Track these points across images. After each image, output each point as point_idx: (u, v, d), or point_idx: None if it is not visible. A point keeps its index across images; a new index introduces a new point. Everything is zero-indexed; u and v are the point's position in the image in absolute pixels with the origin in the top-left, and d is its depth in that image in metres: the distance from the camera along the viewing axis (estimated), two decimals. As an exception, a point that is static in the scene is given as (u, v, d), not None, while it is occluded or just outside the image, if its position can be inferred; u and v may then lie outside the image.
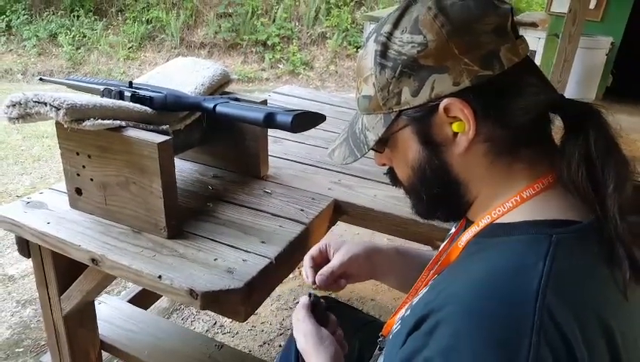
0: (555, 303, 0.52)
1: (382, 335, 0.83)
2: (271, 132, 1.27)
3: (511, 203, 0.63)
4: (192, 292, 0.88)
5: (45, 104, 0.93)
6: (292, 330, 1.40)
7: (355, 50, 6.64)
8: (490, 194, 0.66)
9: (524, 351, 0.49)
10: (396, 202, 1.22)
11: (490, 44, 0.60)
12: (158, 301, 1.94)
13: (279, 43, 6.68)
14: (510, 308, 0.52)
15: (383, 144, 0.71)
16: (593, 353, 0.52)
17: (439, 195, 0.70)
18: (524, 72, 0.63)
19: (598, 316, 0.54)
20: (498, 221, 0.64)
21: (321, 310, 0.87)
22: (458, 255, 0.67)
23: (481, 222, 0.65)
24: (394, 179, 0.77)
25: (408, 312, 0.64)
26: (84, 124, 0.95)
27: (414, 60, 0.62)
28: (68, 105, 0.94)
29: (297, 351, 1.32)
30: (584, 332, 0.52)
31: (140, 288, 1.69)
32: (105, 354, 1.44)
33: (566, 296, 0.53)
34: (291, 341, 1.38)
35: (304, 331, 0.85)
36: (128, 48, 6.49)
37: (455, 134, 0.63)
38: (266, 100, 1.21)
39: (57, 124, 1.00)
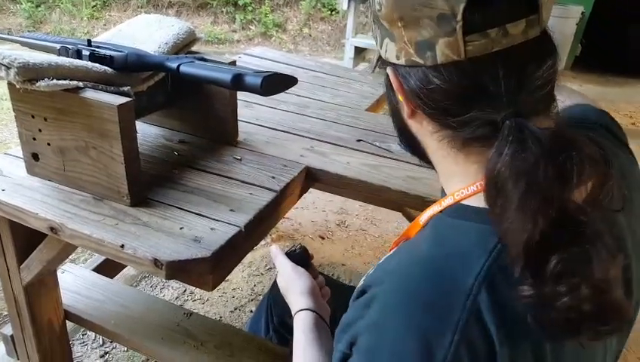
0: (486, 301, 0.49)
1: None
2: (241, 95, 1.22)
3: (475, 187, 0.58)
4: (156, 262, 0.84)
5: (-7, 62, 0.86)
6: (264, 295, 1.40)
7: (329, 13, 6.48)
8: (449, 171, 0.62)
9: (445, 346, 0.48)
10: (369, 169, 1.20)
11: (428, 31, 0.53)
12: (126, 269, 1.90)
13: (251, 3, 6.47)
14: (441, 297, 0.50)
15: None
16: (517, 357, 0.50)
17: (405, 143, 0.70)
18: (465, 74, 0.53)
19: (527, 323, 0.50)
20: (462, 202, 0.60)
21: (304, 259, 0.96)
22: (417, 231, 0.65)
23: (444, 203, 0.62)
24: None
25: (371, 272, 0.63)
26: (37, 84, 0.89)
27: (376, 16, 0.59)
28: (19, 63, 0.88)
29: (267, 316, 1.33)
30: (510, 337, 0.49)
31: (106, 256, 1.65)
32: (70, 325, 1.40)
33: (499, 296, 0.50)
34: (262, 306, 1.38)
35: (280, 268, 0.93)
36: (92, 7, 6.20)
37: None
38: (234, 61, 1.16)
39: (9, 84, 0.93)
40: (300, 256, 0.96)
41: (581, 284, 0.46)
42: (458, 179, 0.60)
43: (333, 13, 6.48)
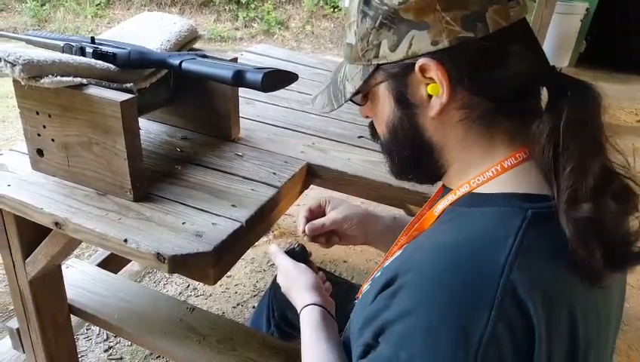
0: (520, 279, 0.50)
1: (357, 297, 0.83)
2: (243, 92, 1.23)
3: (491, 172, 0.61)
4: (159, 256, 0.85)
5: (-1, 59, 0.88)
6: (265, 290, 1.40)
7: (331, 10, 6.48)
8: (466, 162, 0.64)
9: (482, 325, 0.49)
10: (370, 166, 1.21)
11: (476, 3, 0.56)
12: (130, 264, 1.92)
13: (253, 1, 6.49)
14: (473, 280, 0.51)
15: (364, 97, 0.68)
16: (552, 333, 0.51)
17: (411, 157, 0.69)
18: (510, 39, 0.58)
19: (562, 296, 0.53)
20: (476, 190, 0.62)
21: (303, 257, 0.96)
22: (433, 222, 0.66)
23: (459, 191, 0.63)
24: (373, 134, 0.75)
25: (379, 274, 0.64)
26: (42, 81, 0.90)
27: (395, 12, 0.58)
28: (24, 60, 0.89)
29: (268, 311, 1.34)
30: (546, 311, 0.51)
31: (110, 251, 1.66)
32: (74, 319, 1.42)
33: (532, 273, 0.51)
34: (263, 302, 1.39)
35: (281, 267, 0.94)
36: (96, 5, 6.23)
37: (430, 96, 0.61)
38: (236, 58, 1.16)
39: (15, 81, 0.94)
40: (299, 254, 0.97)
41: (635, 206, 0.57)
42: (476, 169, 0.62)
43: (336, 10, 6.47)
